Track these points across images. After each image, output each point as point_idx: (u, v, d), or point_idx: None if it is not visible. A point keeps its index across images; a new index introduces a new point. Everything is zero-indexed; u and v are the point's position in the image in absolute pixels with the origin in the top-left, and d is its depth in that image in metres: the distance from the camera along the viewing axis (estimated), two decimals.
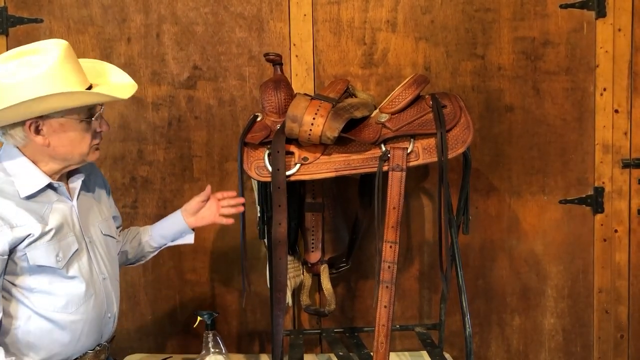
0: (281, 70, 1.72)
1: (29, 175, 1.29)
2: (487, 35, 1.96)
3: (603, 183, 2.03)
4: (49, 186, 1.32)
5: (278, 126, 1.64)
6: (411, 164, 1.61)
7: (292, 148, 1.63)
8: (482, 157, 2.02)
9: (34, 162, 1.29)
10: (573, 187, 2.04)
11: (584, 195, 2.04)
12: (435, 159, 1.60)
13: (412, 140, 1.62)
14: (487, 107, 2.00)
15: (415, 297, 2.07)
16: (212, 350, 1.72)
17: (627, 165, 2.03)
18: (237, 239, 1.87)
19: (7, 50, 1.64)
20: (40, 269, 1.29)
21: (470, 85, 2.00)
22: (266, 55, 1.71)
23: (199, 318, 1.75)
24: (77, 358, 1.37)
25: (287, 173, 1.60)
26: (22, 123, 1.25)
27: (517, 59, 1.98)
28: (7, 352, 1.29)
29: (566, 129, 2.02)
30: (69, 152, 1.30)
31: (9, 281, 1.29)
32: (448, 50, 1.97)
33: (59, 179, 1.37)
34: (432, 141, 1.61)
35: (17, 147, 1.30)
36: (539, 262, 2.06)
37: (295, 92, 1.69)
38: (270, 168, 1.59)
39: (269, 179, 1.59)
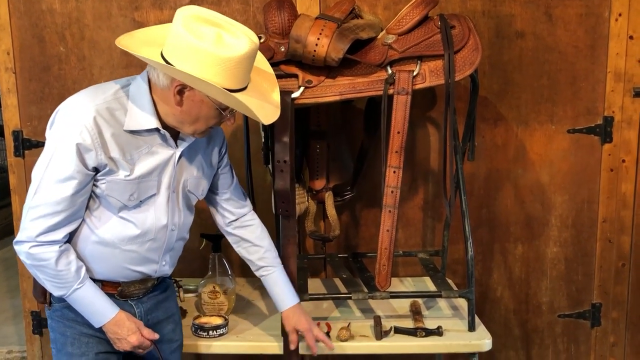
0: None
1: (141, 115, 1.32)
2: None
3: (613, 112, 2.01)
4: (156, 130, 1.34)
5: (282, 48, 1.61)
6: (417, 86, 1.58)
7: (296, 70, 1.60)
8: (490, 85, 2.00)
9: (155, 104, 1.32)
10: (582, 117, 2.02)
11: (593, 125, 2.02)
12: (442, 82, 1.56)
13: (418, 62, 1.58)
14: (497, 33, 1.97)
15: (419, 225, 2.09)
16: (218, 271, 1.77)
17: (638, 94, 2.00)
18: (243, 167, 1.89)
19: None
20: (111, 200, 1.33)
21: (481, 10, 1.95)
22: None
23: (204, 241, 1.79)
24: (122, 282, 1.42)
25: (291, 96, 1.57)
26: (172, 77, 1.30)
27: None
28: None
29: (578, 57, 1.99)
30: (188, 121, 1.33)
31: None
32: None
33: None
34: (439, 63, 1.57)
35: (148, 86, 1.33)
36: (544, 191, 2.06)
37: (299, 13, 1.66)
38: None
39: None
